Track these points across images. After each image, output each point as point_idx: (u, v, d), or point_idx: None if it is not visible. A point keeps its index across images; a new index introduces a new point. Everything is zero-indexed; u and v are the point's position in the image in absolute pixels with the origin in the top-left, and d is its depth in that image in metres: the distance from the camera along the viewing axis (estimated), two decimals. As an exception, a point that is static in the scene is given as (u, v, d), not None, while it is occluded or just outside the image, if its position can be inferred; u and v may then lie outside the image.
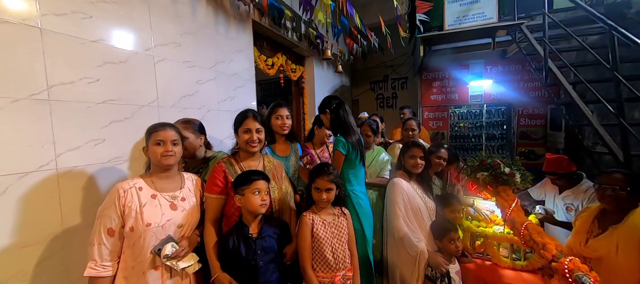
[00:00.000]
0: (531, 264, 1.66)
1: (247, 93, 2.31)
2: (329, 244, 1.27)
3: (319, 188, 1.30)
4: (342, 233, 1.33)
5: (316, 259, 1.27)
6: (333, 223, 1.32)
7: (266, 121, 1.76)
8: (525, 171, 1.96)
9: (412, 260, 1.58)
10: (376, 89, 6.49)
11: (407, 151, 1.73)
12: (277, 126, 1.74)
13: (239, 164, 1.37)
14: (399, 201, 1.62)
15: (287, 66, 3.22)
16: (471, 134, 6.42)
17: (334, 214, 1.36)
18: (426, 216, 1.67)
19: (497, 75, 3.98)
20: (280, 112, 1.74)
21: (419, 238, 1.59)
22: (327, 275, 1.26)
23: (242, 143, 1.36)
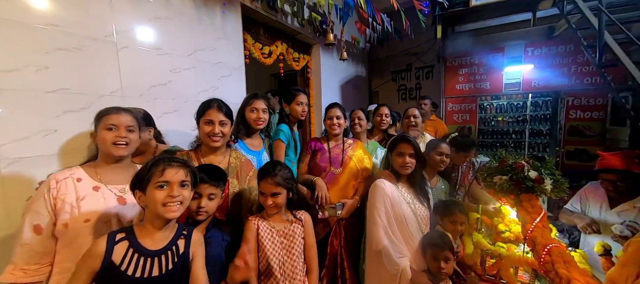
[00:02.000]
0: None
1: (234, 83, 2.18)
2: (276, 257, 1.08)
3: (263, 192, 1.11)
4: (294, 243, 1.13)
5: (262, 270, 1.09)
6: (284, 232, 1.12)
7: (240, 112, 1.62)
8: (559, 177, 1.53)
9: (392, 279, 1.30)
10: (398, 80, 5.97)
11: (394, 147, 1.43)
12: (251, 119, 1.58)
13: (199, 160, 1.25)
14: (379, 207, 1.35)
15: (288, 55, 3.03)
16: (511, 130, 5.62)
17: (286, 220, 1.16)
18: (414, 227, 1.37)
19: (541, 59, 3.30)
20: (255, 105, 1.57)
21: (402, 253, 1.31)
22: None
23: (203, 135, 1.23)
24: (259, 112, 1.57)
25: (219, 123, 1.20)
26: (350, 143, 1.70)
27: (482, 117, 5.73)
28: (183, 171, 0.87)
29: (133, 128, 1.03)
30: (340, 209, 1.52)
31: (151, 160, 0.88)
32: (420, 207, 1.42)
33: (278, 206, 1.12)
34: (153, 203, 0.81)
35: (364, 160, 1.68)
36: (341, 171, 1.60)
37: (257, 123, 1.57)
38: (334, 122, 1.59)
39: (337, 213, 1.51)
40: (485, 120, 5.84)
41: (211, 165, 1.17)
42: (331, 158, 1.60)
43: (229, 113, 1.26)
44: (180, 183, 0.85)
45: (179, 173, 0.85)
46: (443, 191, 1.74)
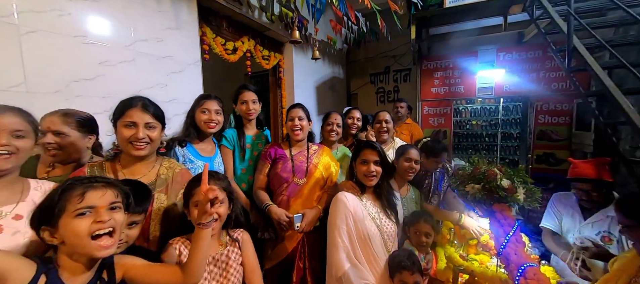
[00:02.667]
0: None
1: (187, 80, 1.93)
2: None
3: None
4: (229, 271, 0.93)
5: None
6: (216, 259, 0.90)
7: (190, 114, 1.41)
8: (532, 186, 1.45)
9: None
10: (377, 82, 5.92)
11: (358, 154, 1.28)
12: (201, 121, 1.37)
13: (116, 173, 1.01)
14: (341, 225, 1.17)
15: (256, 52, 2.81)
16: (485, 133, 5.75)
17: (220, 244, 0.95)
18: (379, 246, 1.21)
19: (512, 64, 3.35)
20: (207, 106, 1.38)
21: (366, 279, 1.14)
22: None
23: (122, 141, 0.99)
24: (211, 114, 1.38)
25: (145, 125, 0.99)
26: (316, 149, 1.52)
27: (458, 120, 5.84)
28: (111, 191, 0.70)
29: (21, 133, 0.78)
30: (299, 221, 1.33)
31: (61, 183, 0.68)
32: (387, 222, 1.27)
33: (221, 220, 0.92)
34: (75, 238, 0.63)
35: (330, 166, 1.50)
36: (306, 182, 1.42)
37: (208, 126, 1.38)
38: (296, 124, 1.40)
39: (296, 226, 1.32)
40: (460, 124, 5.96)
41: (131, 181, 0.95)
42: (294, 167, 1.41)
43: (159, 115, 1.05)
44: (110, 206, 0.68)
45: (107, 194, 0.68)
46: (414, 201, 1.60)
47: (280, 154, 1.43)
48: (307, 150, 1.49)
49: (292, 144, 1.48)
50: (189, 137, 1.37)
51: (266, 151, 1.46)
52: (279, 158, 1.42)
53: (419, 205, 1.64)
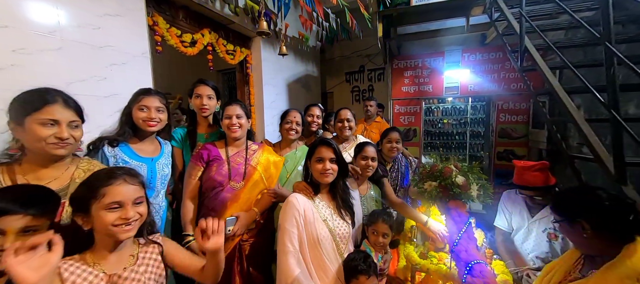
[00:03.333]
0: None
1: (133, 73, 1.75)
2: None
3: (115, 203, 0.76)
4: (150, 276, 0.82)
5: None
6: (122, 277, 0.77)
7: (126, 111, 1.27)
8: (485, 183, 1.47)
9: None
10: (352, 81, 5.95)
11: (313, 152, 1.21)
12: (139, 119, 1.23)
13: (14, 178, 0.85)
14: (291, 229, 1.10)
15: (219, 46, 2.65)
16: (455, 131, 6.00)
17: (131, 255, 0.83)
18: (330, 249, 1.15)
19: (476, 64, 3.48)
20: (145, 102, 1.24)
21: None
22: None
23: (34, 141, 0.85)
24: (151, 111, 1.25)
25: (68, 124, 0.89)
26: (255, 149, 1.42)
27: (430, 119, 6.03)
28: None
29: None
30: (232, 224, 1.23)
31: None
32: (341, 224, 1.21)
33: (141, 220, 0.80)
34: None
35: (270, 168, 1.41)
36: (243, 186, 1.31)
37: (148, 125, 1.25)
38: (234, 122, 1.29)
39: (228, 230, 1.22)
40: (432, 123, 6.17)
41: (34, 187, 0.81)
42: (231, 169, 1.30)
43: (80, 111, 0.95)
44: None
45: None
46: (374, 200, 1.57)
47: (215, 155, 1.31)
48: (245, 151, 1.38)
49: (229, 143, 1.36)
50: (123, 136, 1.23)
51: (198, 152, 1.33)
52: (213, 160, 1.30)
53: (380, 204, 1.61)
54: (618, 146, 1.10)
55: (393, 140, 1.80)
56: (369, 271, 1.07)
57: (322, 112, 1.95)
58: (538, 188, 1.38)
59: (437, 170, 1.51)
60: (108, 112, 1.53)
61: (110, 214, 0.74)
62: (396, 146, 1.80)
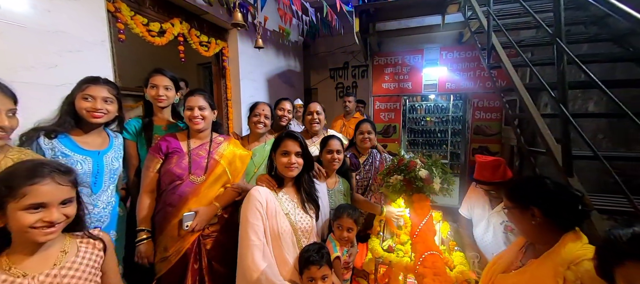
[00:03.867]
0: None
1: (89, 62, 1.65)
2: None
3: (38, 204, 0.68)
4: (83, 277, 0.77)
5: None
6: (54, 279, 0.72)
7: (68, 100, 1.20)
8: (448, 176, 1.49)
9: None
10: (336, 77, 5.94)
11: (278, 145, 1.18)
12: (82, 109, 1.16)
13: None
14: (254, 222, 1.07)
15: (192, 37, 2.56)
16: (437, 129, 6.14)
17: (62, 250, 0.76)
18: (290, 243, 1.14)
19: (453, 62, 3.55)
20: (90, 91, 1.17)
21: (281, 280, 1.06)
22: None
23: None
24: (96, 101, 1.18)
25: (7, 112, 0.88)
26: (221, 141, 1.38)
27: (413, 117, 6.14)
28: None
29: None
30: (190, 220, 1.19)
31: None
32: (303, 218, 1.19)
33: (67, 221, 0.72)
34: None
35: (235, 161, 1.38)
36: (204, 180, 1.27)
37: (92, 116, 1.18)
38: (196, 114, 1.24)
39: (185, 226, 1.18)
40: (415, 120, 6.28)
41: None
42: (191, 162, 1.25)
43: (16, 98, 0.92)
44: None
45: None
46: (342, 194, 1.57)
47: (175, 147, 1.26)
48: (209, 144, 1.33)
49: (191, 136, 1.31)
50: (63, 127, 1.15)
51: (157, 144, 1.27)
52: (173, 152, 1.24)
53: (348, 197, 1.61)
54: (566, 140, 1.14)
55: (365, 131, 1.80)
56: (320, 262, 1.06)
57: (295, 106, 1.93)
58: (494, 183, 1.42)
59: (402, 164, 1.53)
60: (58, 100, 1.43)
61: (29, 216, 0.66)
62: (368, 137, 1.80)
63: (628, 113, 0.90)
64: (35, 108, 1.20)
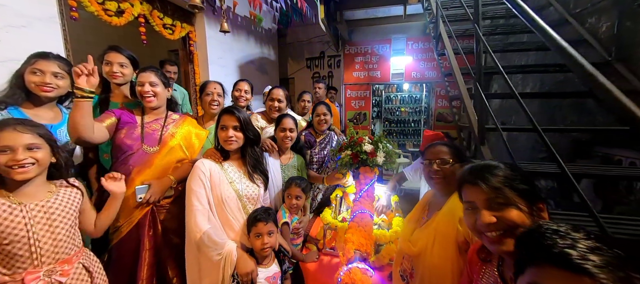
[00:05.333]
0: (379, 261, 1.36)
1: (36, 38, 1.61)
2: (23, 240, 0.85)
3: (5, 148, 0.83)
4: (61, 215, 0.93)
5: None
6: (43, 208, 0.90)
7: (17, 73, 1.21)
8: (391, 150, 1.64)
9: (216, 267, 1.14)
10: (312, 66, 5.99)
11: (218, 121, 1.26)
12: (30, 83, 1.18)
13: None
14: (197, 190, 1.16)
15: (154, 19, 2.51)
16: (411, 119, 6.41)
17: (49, 191, 0.94)
18: (236, 208, 1.23)
19: (418, 52, 3.75)
20: (39, 65, 1.19)
21: (224, 239, 1.16)
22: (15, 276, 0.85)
23: None
24: (45, 76, 1.20)
25: None
26: (176, 118, 1.43)
27: (389, 107, 6.37)
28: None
29: None
30: (143, 192, 1.25)
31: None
32: (249, 186, 1.29)
33: (39, 165, 0.88)
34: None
35: (191, 138, 1.44)
36: (157, 151, 1.32)
37: (41, 89, 1.20)
38: (147, 90, 1.28)
39: (138, 198, 1.24)
40: (391, 111, 6.51)
41: None
42: (144, 134, 1.30)
43: None
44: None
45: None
46: (295, 169, 1.68)
47: (127, 120, 1.29)
48: (164, 119, 1.38)
49: (146, 112, 1.35)
50: (12, 98, 1.16)
51: (111, 109, 1.32)
52: (125, 123, 1.28)
53: (302, 172, 1.72)
54: (483, 114, 1.32)
55: (320, 113, 1.91)
56: (267, 219, 1.17)
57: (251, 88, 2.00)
58: None
59: (353, 140, 1.66)
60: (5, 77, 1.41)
61: (1, 156, 0.82)
62: (324, 119, 1.91)
63: (517, 96, 1.07)
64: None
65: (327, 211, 1.68)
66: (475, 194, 0.66)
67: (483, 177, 0.65)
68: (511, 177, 0.64)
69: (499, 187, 0.63)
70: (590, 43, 1.65)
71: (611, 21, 1.55)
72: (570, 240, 0.42)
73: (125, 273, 1.25)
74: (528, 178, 0.67)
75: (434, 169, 0.98)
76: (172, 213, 1.37)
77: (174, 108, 1.51)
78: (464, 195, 0.68)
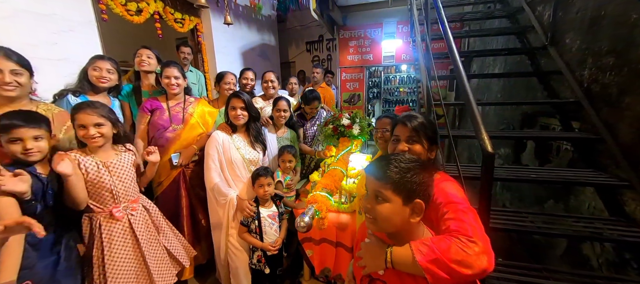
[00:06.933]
0: (351, 207, 1.79)
1: (81, 39, 2.01)
2: (104, 182, 1.26)
3: (83, 125, 1.20)
4: (125, 171, 1.34)
5: (90, 194, 1.26)
6: (112, 164, 1.29)
7: (84, 69, 1.65)
8: (365, 124, 2.03)
9: (223, 207, 1.61)
10: (312, 50, 6.24)
11: (228, 103, 1.67)
12: (93, 77, 1.63)
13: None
14: (212, 153, 1.60)
15: (166, 14, 2.87)
16: (410, 99, 6.65)
17: (115, 153, 1.34)
18: (242, 167, 1.68)
19: (407, 35, 3.98)
20: (98, 64, 1.63)
21: (230, 188, 1.61)
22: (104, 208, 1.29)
23: None
24: (102, 71, 1.63)
25: (11, 72, 1.18)
26: (192, 101, 1.85)
27: (388, 88, 6.59)
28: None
29: None
30: (177, 158, 1.70)
31: None
32: (251, 152, 1.72)
33: (104, 137, 1.25)
34: None
35: (205, 116, 1.86)
36: (182, 128, 1.76)
37: (100, 81, 1.63)
38: (172, 83, 1.70)
39: (175, 163, 1.69)
40: (390, 91, 6.74)
41: (23, 110, 1.15)
42: (171, 116, 1.73)
43: (24, 63, 1.24)
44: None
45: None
46: (289, 141, 2.10)
47: (156, 106, 1.72)
48: (183, 103, 1.80)
49: (169, 98, 1.77)
50: (82, 89, 1.60)
51: (143, 104, 1.74)
52: (156, 109, 1.72)
53: (294, 143, 2.14)
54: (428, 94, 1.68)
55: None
56: (266, 174, 1.60)
57: None
58: None
59: (334, 117, 2.05)
60: (63, 73, 1.84)
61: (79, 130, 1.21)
62: (315, 109, 2.28)
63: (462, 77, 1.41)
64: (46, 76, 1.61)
65: (315, 173, 2.11)
66: (401, 130, 0.98)
67: (410, 120, 0.97)
68: (425, 125, 0.97)
69: (417, 129, 0.96)
70: (536, 29, 1.94)
71: (550, 10, 1.82)
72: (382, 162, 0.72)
73: (169, 214, 1.72)
74: (435, 129, 1.02)
75: (378, 135, 1.37)
76: (196, 172, 1.82)
77: (189, 92, 1.92)
78: (395, 131, 1.02)
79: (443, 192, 0.79)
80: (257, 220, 1.61)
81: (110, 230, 1.28)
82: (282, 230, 1.71)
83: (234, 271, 1.67)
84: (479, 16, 2.34)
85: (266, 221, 1.63)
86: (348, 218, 1.65)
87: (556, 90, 1.76)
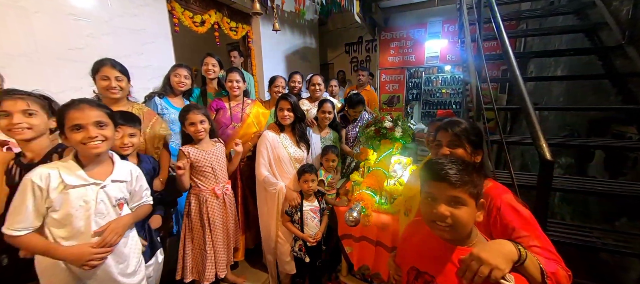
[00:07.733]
0: (393, 207, 1.83)
1: (160, 49, 2.39)
2: (208, 165, 1.63)
3: (193, 122, 1.55)
4: (221, 159, 1.71)
5: (198, 176, 1.64)
6: (212, 152, 1.66)
7: (167, 76, 1.99)
8: (408, 127, 2.04)
9: (273, 196, 1.78)
10: (351, 52, 6.29)
11: (277, 104, 1.83)
12: (173, 82, 1.95)
13: None
14: (262, 150, 1.79)
15: (224, 24, 3.21)
16: (452, 100, 6.30)
17: (213, 144, 1.69)
18: (288, 164, 1.83)
19: (454, 35, 3.79)
20: (178, 71, 1.95)
21: (277, 180, 1.78)
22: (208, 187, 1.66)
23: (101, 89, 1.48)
24: (180, 78, 1.93)
25: (115, 78, 1.44)
26: (249, 103, 2.07)
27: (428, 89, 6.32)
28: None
29: None
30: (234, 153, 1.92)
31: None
32: (297, 150, 1.87)
33: (206, 131, 1.61)
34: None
35: (259, 116, 2.07)
36: (241, 126, 1.99)
37: (178, 86, 1.93)
38: (234, 86, 1.94)
39: None
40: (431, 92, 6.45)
41: (123, 112, 1.43)
42: (232, 115, 1.97)
43: (124, 71, 1.50)
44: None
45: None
46: (331, 141, 2.20)
47: (221, 106, 1.97)
48: (242, 103, 2.03)
49: (231, 99, 2.01)
50: (165, 92, 1.92)
51: (209, 105, 2.01)
52: (220, 108, 1.96)
53: (336, 144, 2.24)
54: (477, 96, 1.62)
55: (358, 110, 2.32)
56: (311, 171, 1.73)
57: None
58: None
59: (376, 119, 2.10)
60: (147, 77, 2.22)
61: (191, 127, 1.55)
62: (358, 113, 2.35)
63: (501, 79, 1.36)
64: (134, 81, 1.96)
65: (356, 173, 2.18)
66: (443, 136, 0.99)
67: (451, 126, 0.97)
68: (467, 130, 0.97)
69: (458, 135, 0.96)
70: (611, 26, 1.73)
71: (630, 5, 1.62)
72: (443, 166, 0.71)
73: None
74: (478, 132, 1.02)
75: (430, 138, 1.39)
76: (248, 166, 2.04)
77: (247, 95, 2.15)
78: (437, 136, 1.03)
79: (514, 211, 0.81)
80: (299, 211, 1.74)
81: (212, 204, 1.67)
82: (322, 224, 1.82)
83: (281, 257, 1.84)
84: (538, 13, 2.15)
85: (308, 214, 1.76)
86: (389, 219, 1.69)
87: (635, 94, 1.57)
